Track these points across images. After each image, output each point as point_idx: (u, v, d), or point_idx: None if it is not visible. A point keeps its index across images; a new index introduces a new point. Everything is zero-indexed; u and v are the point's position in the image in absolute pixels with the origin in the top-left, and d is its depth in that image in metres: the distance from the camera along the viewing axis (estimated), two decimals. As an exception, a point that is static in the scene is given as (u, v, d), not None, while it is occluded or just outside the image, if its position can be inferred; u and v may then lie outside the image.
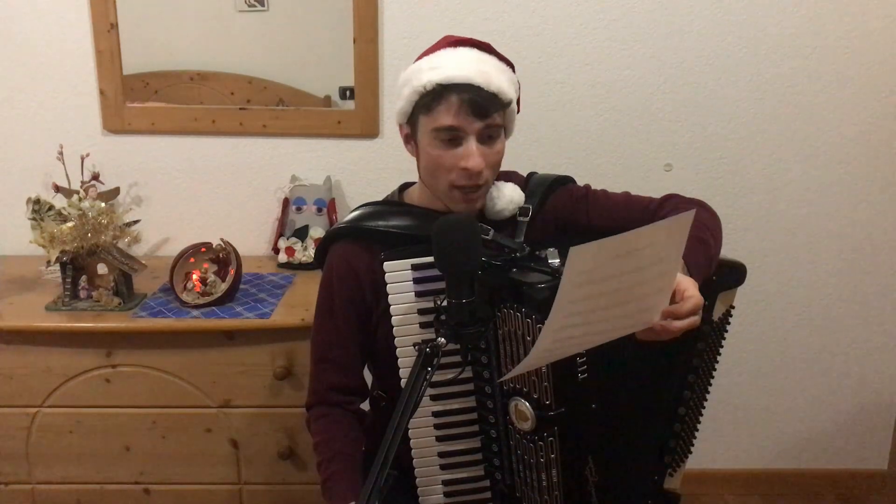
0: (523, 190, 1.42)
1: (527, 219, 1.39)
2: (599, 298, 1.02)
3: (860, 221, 2.29)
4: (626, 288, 1.04)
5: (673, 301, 1.16)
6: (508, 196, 1.38)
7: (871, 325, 2.38)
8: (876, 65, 2.16)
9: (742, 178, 2.24)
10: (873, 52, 2.15)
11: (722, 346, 1.47)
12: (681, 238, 1.08)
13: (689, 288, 1.17)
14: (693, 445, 1.49)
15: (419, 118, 1.31)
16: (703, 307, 1.19)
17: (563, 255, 1.22)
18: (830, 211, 2.27)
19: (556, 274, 1.19)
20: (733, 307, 1.45)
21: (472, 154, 1.27)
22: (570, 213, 1.45)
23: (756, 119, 2.19)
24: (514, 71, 1.36)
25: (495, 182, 1.38)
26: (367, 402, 1.55)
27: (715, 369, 1.47)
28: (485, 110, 1.26)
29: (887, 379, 2.43)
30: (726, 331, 1.46)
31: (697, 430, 1.48)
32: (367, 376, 1.51)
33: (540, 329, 1.16)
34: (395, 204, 1.45)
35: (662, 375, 1.37)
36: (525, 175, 1.50)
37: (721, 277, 1.38)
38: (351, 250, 1.38)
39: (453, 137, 1.27)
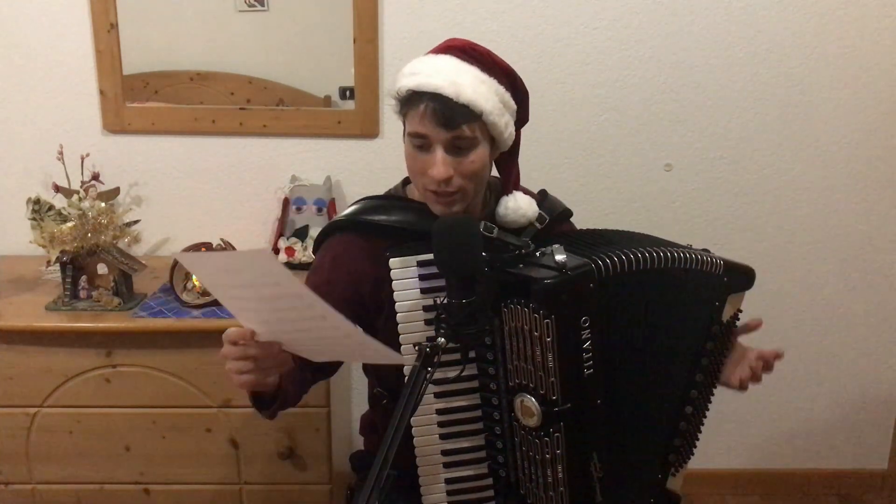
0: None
1: (541, 226, 1.37)
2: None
3: (861, 221, 2.29)
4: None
5: None
6: (522, 211, 1.35)
7: (871, 325, 2.38)
8: (876, 64, 2.17)
9: (742, 178, 2.24)
10: (874, 51, 2.16)
11: (727, 348, 1.47)
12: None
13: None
14: (696, 446, 1.48)
15: (404, 119, 1.32)
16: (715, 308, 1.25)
17: (568, 252, 1.22)
18: (831, 211, 2.28)
19: (562, 269, 1.19)
20: (741, 310, 1.45)
21: (436, 163, 1.25)
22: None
23: (756, 119, 2.20)
24: (511, 82, 1.30)
25: (513, 192, 1.37)
26: (366, 401, 1.54)
27: (721, 371, 1.47)
28: (451, 121, 1.23)
29: (887, 379, 2.43)
30: (732, 333, 1.47)
31: (701, 431, 1.48)
32: (366, 378, 1.51)
33: (548, 324, 1.16)
34: (397, 198, 1.43)
35: (670, 374, 1.37)
36: (535, 192, 1.48)
37: (732, 280, 1.39)
38: (351, 242, 1.37)
39: (423, 144, 1.27)
